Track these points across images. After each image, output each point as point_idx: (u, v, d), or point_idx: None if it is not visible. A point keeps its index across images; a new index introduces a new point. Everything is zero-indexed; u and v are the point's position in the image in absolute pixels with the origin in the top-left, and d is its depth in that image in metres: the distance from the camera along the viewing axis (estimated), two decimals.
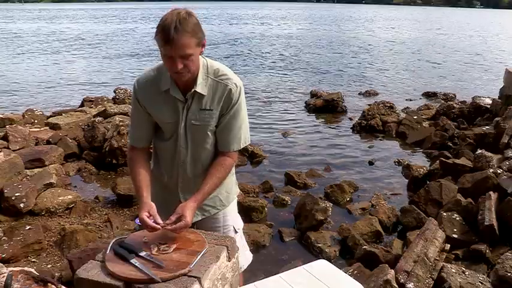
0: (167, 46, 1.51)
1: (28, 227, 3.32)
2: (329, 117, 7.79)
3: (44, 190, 4.11)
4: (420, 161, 5.45)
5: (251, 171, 5.17)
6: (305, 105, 8.59)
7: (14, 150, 4.79)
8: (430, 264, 2.62)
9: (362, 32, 29.00)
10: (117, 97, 7.80)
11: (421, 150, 5.94)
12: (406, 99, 9.33)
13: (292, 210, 3.97)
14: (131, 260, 1.46)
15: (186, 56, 1.53)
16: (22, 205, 3.73)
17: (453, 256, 2.95)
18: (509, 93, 6.10)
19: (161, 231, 1.59)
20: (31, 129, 5.80)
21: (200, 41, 1.57)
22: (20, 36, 24.37)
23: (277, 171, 5.13)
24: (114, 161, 4.92)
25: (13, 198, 3.71)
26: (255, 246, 3.39)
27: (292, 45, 20.48)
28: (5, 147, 4.84)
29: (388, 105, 7.62)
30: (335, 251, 3.34)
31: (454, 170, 4.18)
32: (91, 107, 7.29)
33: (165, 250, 1.54)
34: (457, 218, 3.28)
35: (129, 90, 7.76)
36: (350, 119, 7.54)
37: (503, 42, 23.45)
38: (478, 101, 6.90)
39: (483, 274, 2.62)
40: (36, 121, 6.40)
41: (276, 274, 1.75)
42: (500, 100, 6.33)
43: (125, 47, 19.21)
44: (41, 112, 7.02)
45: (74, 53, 17.20)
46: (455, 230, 3.18)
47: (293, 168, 5.08)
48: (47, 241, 3.39)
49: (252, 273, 2.47)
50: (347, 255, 3.33)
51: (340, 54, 17.43)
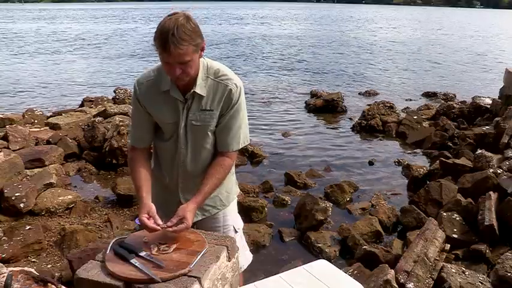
0: (164, 54, 1.51)
1: (28, 227, 3.32)
2: (329, 117, 7.79)
3: (44, 190, 4.11)
4: (420, 161, 5.45)
5: (251, 171, 5.17)
6: (305, 105, 8.59)
7: (14, 150, 4.78)
8: (430, 264, 2.62)
9: (362, 32, 29.00)
10: (117, 97, 7.80)
11: (421, 150, 5.93)
12: (406, 99, 9.33)
13: (292, 210, 3.96)
14: (131, 260, 1.46)
15: (184, 63, 1.54)
16: (22, 205, 3.73)
17: (453, 256, 2.95)
18: (509, 93, 6.09)
19: (161, 231, 1.59)
20: (31, 129, 5.80)
21: (198, 47, 1.56)
22: (20, 36, 24.36)
23: (277, 171, 5.13)
24: (114, 161, 4.93)
25: (13, 198, 3.71)
26: (255, 246, 3.39)
27: (292, 45, 20.47)
28: (5, 147, 4.84)
29: (388, 105, 7.61)
30: (335, 251, 3.34)
31: (454, 170, 4.18)
32: (91, 107, 7.29)
33: (165, 250, 1.54)
34: (457, 218, 3.28)
35: (129, 90, 7.76)
36: (350, 119, 7.54)
37: (503, 42, 23.44)
38: (478, 101, 6.91)
39: (483, 274, 2.62)
40: (36, 121, 6.40)
41: (276, 274, 1.75)
42: (500, 100, 6.33)
43: (125, 47, 19.22)
44: (41, 112, 7.01)
45: (74, 53, 17.20)
46: (455, 230, 3.18)
47: (293, 168, 5.08)
48: (47, 241, 3.39)
49: (252, 273, 2.46)
50: (347, 255, 3.33)
51: (340, 54, 17.43)
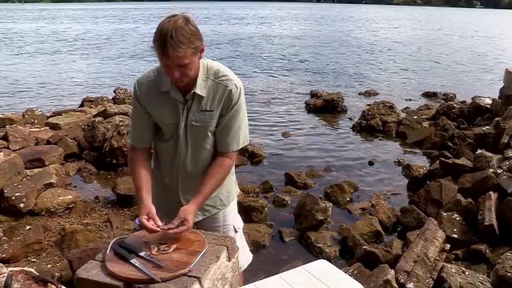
0: (163, 57, 1.51)
1: (28, 227, 3.32)
2: (329, 117, 7.79)
3: (44, 190, 4.11)
4: (420, 161, 5.46)
5: (251, 171, 5.17)
6: (305, 105, 8.59)
7: (14, 150, 4.78)
8: (430, 264, 2.62)
9: (362, 32, 28.99)
10: (117, 97, 7.79)
11: (421, 150, 5.94)
12: (406, 99, 9.32)
13: (292, 210, 3.96)
14: (131, 260, 1.46)
15: (183, 65, 1.53)
16: (22, 205, 3.73)
17: (453, 256, 2.95)
18: (509, 93, 6.10)
19: (161, 231, 1.59)
20: (31, 129, 5.80)
21: (197, 49, 1.56)
22: (20, 36, 24.36)
23: (277, 171, 5.13)
24: (114, 161, 4.93)
25: (13, 198, 3.71)
26: (255, 246, 3.39)
27: (292, 45, 20.47)
28: (5, 147, 4.84)
29: (388, 105, 7.61)
30: (335, 251, 3.34)
31: (454, 170, 4.18)
32: (91, 107, 7.29)
33: (165, 250, 1.54)
34: (457, 218, 3.28)
35: (129, 90, 7.75)
36: (350, 119, 7.54)
37: (503, 42, 23.44)
38: (478, 101, 6.91)
39: (483, 274, 2.62)
40: (36, 121, 6.40)
41: (276, 274, 1.75)
42: (500, 100, 6.33)
43: (125, 47, 19.22)
44: (41, 112, 7.01)
45: (74, 53, 17.20)
46: (455, 230, 3.18)
47: (293, 168, 5.08)
48: (47, 241, 3.39)
49: (252, 273, 2.46)
50: (347, 255, 3.33)
51: (340, 54, 17.43)
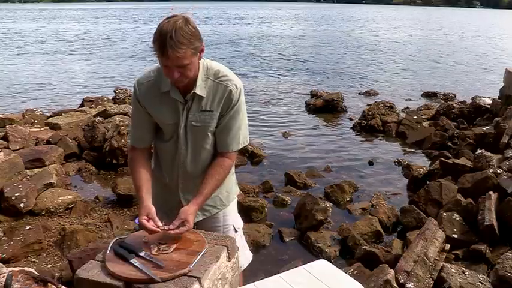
0: (163, 57, 1.51)
1: (28, 227, 3.32)
2: (329, 117, 7.79)
3: (44, 190, 4.11)
4: (420, 161, 5.45)
5: (251, 171, 5.17)
6: (305, 105, 8.59)
7: (14, 150, 4.78)
8: (430, 264, 2.62)
9: (362, 32, 28.99)
10: (117, 97, 7.79)
11: (421, 150, 5.94)
12: (406, 99, 9.33)
13: (292, 210, 3.96)
14: (131, 260, 1.46)
15: (183, 66, 1.54)
16: (22, 205, 3.72)
17: (453, 256, 2.95)
18: (509, 93, 6.10)
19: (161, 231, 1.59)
20: (31, 129, 5.80)
21: (197, 50, 1.56)
22: (20, 36, 24.36)
23: (277, 171, 5.13)
24: (114, 161, 4.92)
25: (13, 198, 3.70)
26: (255, 246, 3.39)
27: (292, 45, 20.47)
28: (5, 147, 4.84)
29: (388, 105, 7.61)
30: (335, 251, 3.34)
31: (454, 170, 4.18)
32: (91, 107, 7.29)
33: (165, 250, 1.54)
34: (457, 218, 3.28)
35: (129, 90, 7.75)
36: (350, 119, 7.54)
37: (503, 42, 23.44)
38: (478, 101, 6.91)
39: (483, 274, 2.62)
40: (36, 121, 6.40)
41: (276, 274, 1.75)
42: (500, 100, 6.33)
43: (125, 47, 19.22)
44: (41, 112, 7.02)
45: (74, 53, 17.20)
46: (455, 230, 3.18)
47: (293, 168, 5.07)
48: (47, 241, 3.39)
49: (252, 273, 2.46)
50: (347, 255, 3.33)
51: (340, 54, 17.43)
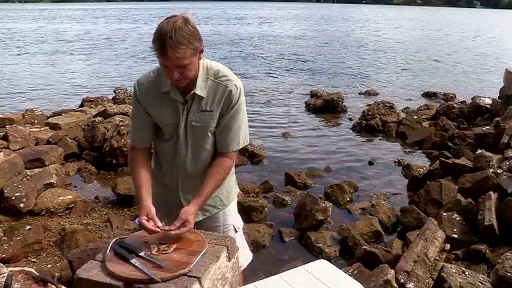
0: (162, 57, 1.51)
1: (28, 227, 3.32)
2: (329, 117, 7.79)
3: (44, 190, 4.11)
4: (420, 161, 5.45)
5: (251, 171, 5.17)
6: (305, 105, 8.59)
7: (14, 150, 4.78)
8: (430, 264, 2.62)
9: (362, 32, 28.99)
10: (117, 97, 7.80)
11: (421, 150, 5.94)
12: (406, 99, 9.33)
13: (292, 210, 3.96)
14: (131, 260, 1.46)
15: (182, 66, 1.53)
16: (22, 205, 3.72)
17: (453, 256, 2.95)
18: (509, 93, 6.10)
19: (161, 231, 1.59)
20: (31, 129, 5.80)
21: (197, 50, 1.56)
22: (20, 36, 24.36)
23: (277, 171, 5.13)
24: (114, 161, 4.92)
25: (13, 198, 3.70)
26: (255, 246, 3.39)
27: (292, 45, 20.47)
28: (5, 147, 4.84)
29: (388, 105, 7.61)
30: (335, 251, 3.34)
31: (454, 170, 4.18)
32: (91, 107, 7.29)
33: (165, 250, 1.54)
34: (457, 218, 3.28)
35: (129, 90, 7.75)
36: (350, 119, 7.54)
37: (503, 42, 23.44)
38: (478, 101, 6.91)
39: (483, 274, 2.62)
40: (36, 121, 6.40)
41: (276, 274, 1.75)
42: (500, 100, 6.33)
43: (125, 47, 19.20)
44: (41, 112, 7.02)
45: (74, 53, 17.20)
46: (455, 230, 3.18)
47: (293, 168, 5.08)
48: (47, 241, 3.39)
49: (252, 273, 2.46)
50: (347, 255, 3.33)
51: (340, 54, 17.43)
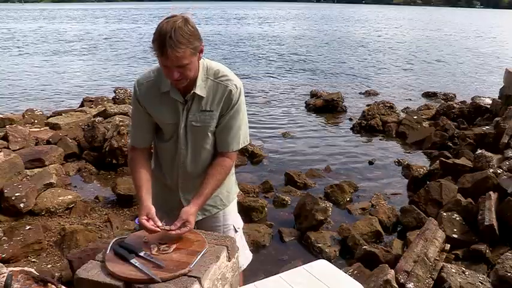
0: (162, 57, 1.51)
1: (28, 227, 3.32)
2: (329, 117, 7.79)
3: (44, 190, 4.11)
4: (420, 161, 5.45)
5: (251, 171, 5.16)
6: (305, 105, 8.59)
7: (14, 150, 4.78)
8: (430, 264, 2.62)
9: (362, 32, 28.99)
10: (117, 97, 7.79)
11: (421, 150, 5.94)
12: (406, 99, 9.33)
13: (292, 210, 3.96)
14: (131, 260, 1.46)
15: (182, 66, 1.54)
16: (22, 205, 3.72)
17: (453, 256, 2.95)
18: (509, 93, 6.10)
19: (161, 231, 1.59)
20: (31, 129, 5.80)
21: (196, 50, 1.56)
22: (20, 36, 24.35)
23: (277, 171, 5.13)
24: (114, 161, 4.92)
25: (13, 198, 3.70)
26: (255, 246, 3.39)
27: (292, 45, 20.48)
28: (5, 147, 4.84)
29: (388, 105, 7.61)
30: (335, 251, 3.34)
31: (454, 170, 4.18)
32: (91, 107, 7.29)
33: (165, 250, 1.54)
34: (457, 218, 3.28)
35: (129, 90, 7.75)
36: (350, 119, 7.54)
37: (503, 42, 23.44)
38: (478, 101, 6.91)
39: (483, 274, 2.62)
40: (36, 121, 6.40)
41: (276, 274, 1.75)
42: (500, 100, 6.33)
43: (125, 47, 19.20)
44: (41, 112, 7.02)
45: (74, 53, 17.19)
46: (455, 230, 3.18)
47: (293, 168, 5.08)
48: (47, 241, 3.39)
49: (252, 273, 2.46)
50: (347, 255, 3.33)
51: (340, 54, 17.43)
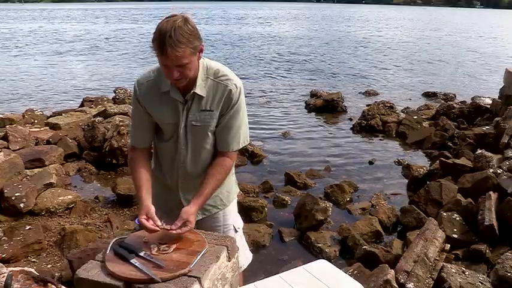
0: (162, 57, 1.51)
1: (28, 227, 3.32)
2: (329, 117, 7.79)
3: (44, 190, 4.11)
4: (420, 161, 5.45)
5: (251, 171, 5.16)
6: (305, 105, 8.59)
7: (14, 150, 4.79)
8: (430, 264, 2.62)
9: (362, 32, 28.97)
10: (117, 97, 7.80)
11: (421, 150, 5.94)
12: (406, 99, 9.33)
13: (292, 210, 3.96)
14: (131, 260, 1.46)
15: (182, 65, 1.54)
16: (22, 205, 3.73)
17: (453, 256, 2.95)
18: (509, 93, 6.10)
19: (161, 231, 1.59)
20: (31, 129, 5.80)
21: (196, 49, 1.56)
22: (20, 36, 24.36)
23: (277, 171, 5.13)
24: (114, 161, 4.92)
25: (13, 198, 3.71)
26: (255, 246, 3.39)
27: (292, 45, 20.48)
28: (5, 147, 4.84)
29: (388, 105, 7.62)
30: (335, 251, 3.34)
31: (454, 170, 4.18)
32: (91, 107, 7.29)
33: (165, 250, 1.54)
34: (457, 218, 3.28)
35: (129, 90, 7.76)
36: (350, 119, 7.54)
37: (503, 42, 23.45)
38: (478, 101, 6.91)
39: (483, 274, 2.62)
40: (36, 121, 6.40)
41: (276, 274, 1.75)
42: (500, 100, 6.33)
43: (125, 47, 19.20)
44: (41, 112, 7.02)
45: (74, 53, 17.19)
46: (455, 230, 3.18)
47: (293, 168, 5.08)
48: (47, 241, 3.39)
49: (252, 273, 2.46)
50: (347, 255, 3.33)
51: (340, 54, 17.43)
